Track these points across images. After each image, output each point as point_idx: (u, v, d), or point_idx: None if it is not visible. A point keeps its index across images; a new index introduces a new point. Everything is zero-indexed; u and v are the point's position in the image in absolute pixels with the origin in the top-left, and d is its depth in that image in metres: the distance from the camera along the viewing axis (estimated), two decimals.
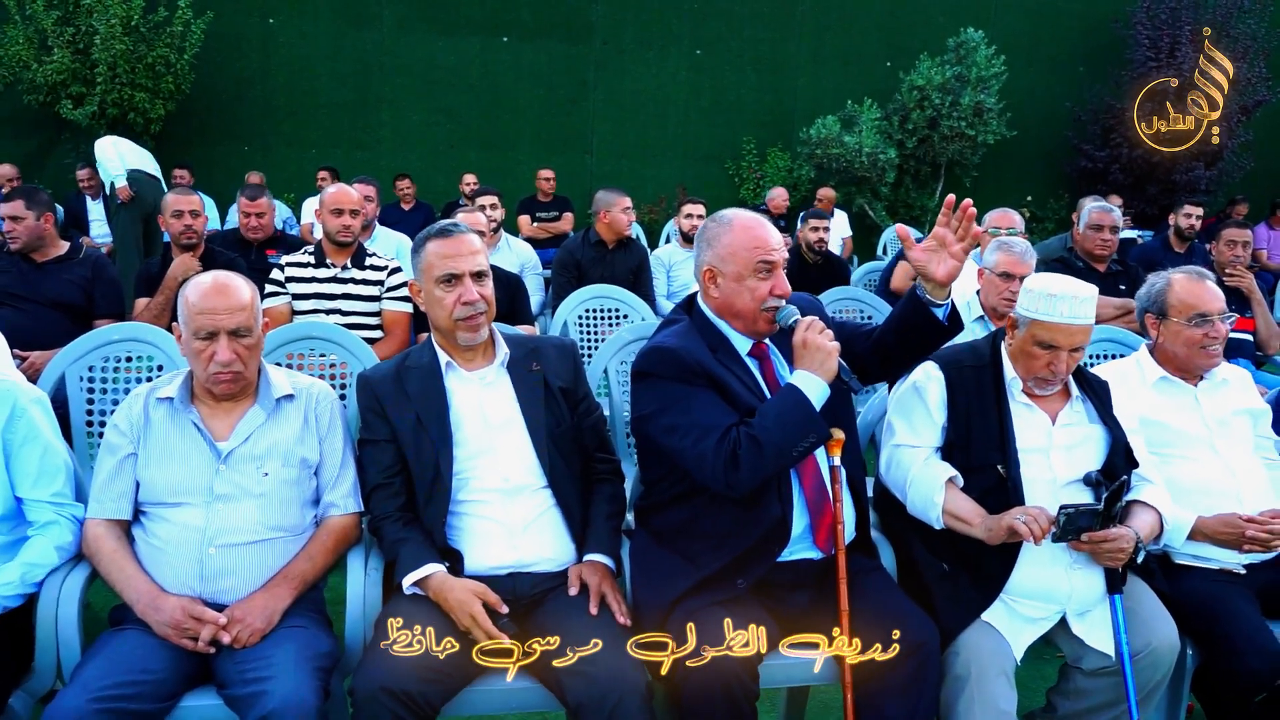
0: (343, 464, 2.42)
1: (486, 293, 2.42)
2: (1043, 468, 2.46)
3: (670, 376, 2.28)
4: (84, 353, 3.34)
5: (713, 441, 2.19)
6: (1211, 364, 2.84)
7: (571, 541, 2.42)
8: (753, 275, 2.33)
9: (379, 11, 10.75)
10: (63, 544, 2.28)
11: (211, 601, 2.19)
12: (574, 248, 5.88)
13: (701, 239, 2.44)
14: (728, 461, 2.17)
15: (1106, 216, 5.20)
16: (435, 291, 2.40)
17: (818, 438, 2.23)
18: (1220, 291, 2.87)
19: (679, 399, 2.26)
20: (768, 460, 2.18)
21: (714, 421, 2.22)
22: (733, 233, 2.37)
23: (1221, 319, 2.81)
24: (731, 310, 2.39)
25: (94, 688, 1.95)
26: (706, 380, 2.28)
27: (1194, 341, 2.81)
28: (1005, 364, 2.55)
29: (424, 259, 2.41)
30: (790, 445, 2.19)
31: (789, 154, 11.46)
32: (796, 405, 2.22)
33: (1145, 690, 2.43)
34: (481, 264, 2.42)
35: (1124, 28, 11.58)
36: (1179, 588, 2.60)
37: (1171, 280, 2.91)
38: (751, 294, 2.34)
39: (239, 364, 2.26)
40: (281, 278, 4.34)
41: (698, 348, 2.33)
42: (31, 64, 9.28)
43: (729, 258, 2.35)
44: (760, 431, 2.18)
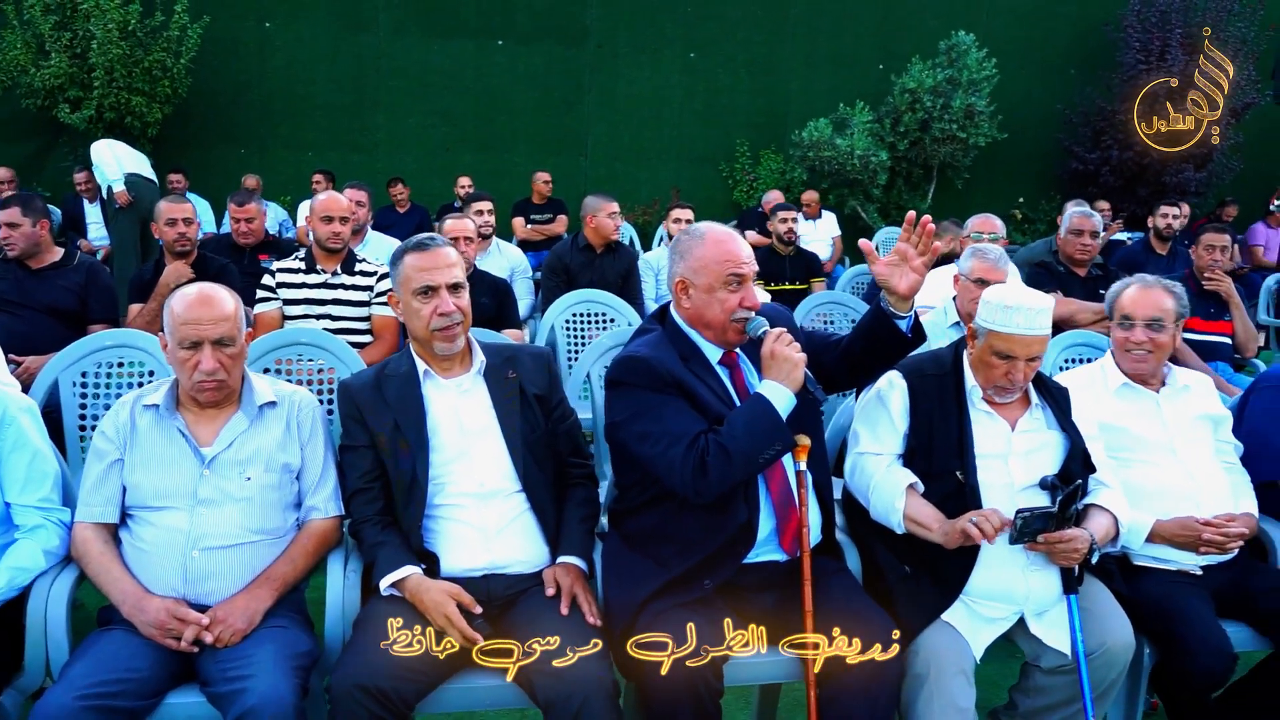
0: (324, 469, 2.50)
1: (463, 304, 2.50)
2: (1001, 473, 2.54)
3: (642, 385, 2.36)
4: (77, 359, 3.42)
5: (682, 449, 2.27)
6: (1138, 369, 2.91)
7: (545, 544, 2.50)
8: (723, 287, 2.41)
9: (375, 15, 10.83)
10: (50, 547, 2.36)
11: (195, 602, 2.27)
12: (563, 252, 5.95)
13: (674, 251, 2.51)
14: (696, 468, 2.25)
15: (1087, 221, 5.27)
16: (413, 303, 2.48)
17: (784, 445, 2.30)
18: (1162, 302, 2.92)
19: (650, 407, 2.35)
20: (735, 467, 2.26)
21: (683, 429, 2.30)
22: (704, 246, 2.44)
23: (1149, 326, 2.88)
24: (702, 320, 2.47)
25: (80, 685, 2.02)
26: (677, 389, 2.36)
27: (1119, 344, 2.93)
28: (966, 372, 2.63)
29: (402, 271, 2.49)
30: (757, 453, 2.27)
31: (782, 156, 11.54)
32: (763, 414, 2.29)
33: (1101, 687, 2.51)
34: (458, 276, 2.50)
35: (1115, 30, 11.66)
36: (1136, 588, 2.68)
37: (1125, 285, 3.00)
38: (722, 305, 2.41)
39: (222, 373, 2.34)
40: (273, 283, 4.41)
41: (669, 357, 2.41)
42: (29, 68, 9.34)
43: (700, 270, 2.43)
44: (728, 440, 2.26)
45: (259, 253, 5.58)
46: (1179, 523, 2.72)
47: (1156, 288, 2.95)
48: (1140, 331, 2.90)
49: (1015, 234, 11.82)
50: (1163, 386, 2.94)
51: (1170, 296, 2.93)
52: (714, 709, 2.24)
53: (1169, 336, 2.90)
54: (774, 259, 6.45)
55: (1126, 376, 2.93)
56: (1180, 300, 2.94)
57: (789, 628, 2.34)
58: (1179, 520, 2.72)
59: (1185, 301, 2.96)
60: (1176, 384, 2.95)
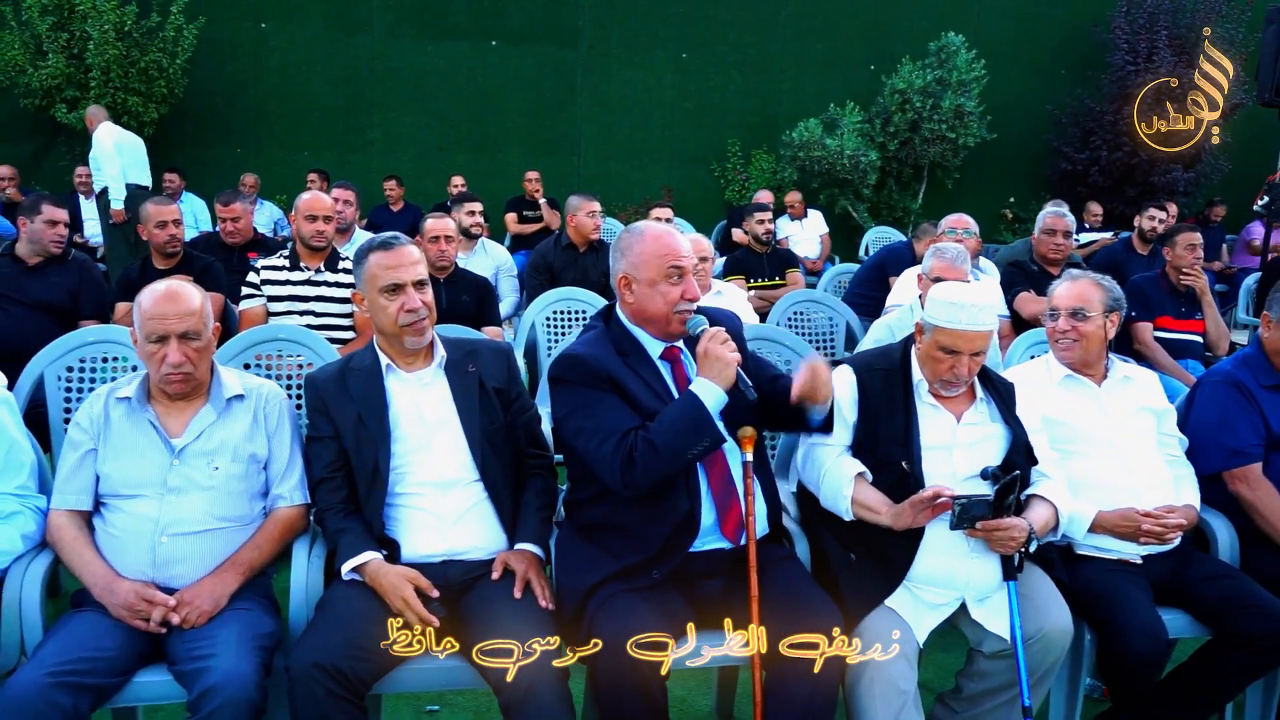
0: (290, 459, 2.60)
1: (428, 299, 2.60)
2: (945, 463, 2.63)
3: (578, 381, 2.46)
4: (62, 353, 3.50)
5: (612, 444, 2.37)
6: (1066, 358, 3.02)
7: (504, 532, 2.59)
8: (664, 280, 2.50)
9: (370, 17, 10.92)
10: (26, 532, 2.46)
11: (164, 586, 2.36)
12: (546, 250, 6.05)
13: (616, 249, 2.60)
14: (624, 462, 2.35)
15: (1059, 221, 5.36)
16: (380, 300, 2.57)
17: (712, 442, 2.39)
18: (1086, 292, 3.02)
19: (586, 403, 2.44)
20: (662, 462, 2.35)
21: (614, 425, 2.40)
22: (644, 242, 2.53)
23: (1072, 315, 2.99)
24: (645, 315, 2.55)
25: (50, 664, 2.12)
26: (611, 385, 2.45)
27: (1049, 335, 3.07)
28: (914, 367, 2.72)
29: (367, 269, 2.58)
30: (684, 448, 2.36)
31: (773, 156, 11.62)
32: (692, 411, 2.37)
33: (1039, 672, 2.60)
34: (421, 273, 2.60)
35: (1104, 31, 11.73)
36: (1077, 576, 2.77)
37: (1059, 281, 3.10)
38: (664, 298, 2.50)
39: (189, 365, 2.43)
40: (257, 280, 4.51)
41: (606, 354, 2.50)
42: (27, 68, 9.45)
43: (642, 265, 2.51)
44: (656, 435, 2.35)
45: (247, 251, 5.68)
46: (1120, 514, 2.81)
47: (1084, 280, 3.05)
48: (1064, 320, 3.00)
49: (1006, 234, 11.91)
50: (1104, 379, 3.03)
51: (1097, 288, 3.02)
52: (659, 689, 2.33)
53: (1095, 326, 2.97)
54: (752, 257, 6.69)
55: (1067, 369, 3.02)
56: (1110, 293, 3.02)
57: (736, 613, 2.42)
58: (1120, 511, 2.81)
59: (1117, 295, 3.03)
60: (1117, 376, 3.04)
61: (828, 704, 2.39)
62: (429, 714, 3.06)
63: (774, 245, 6.94)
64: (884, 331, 4.02)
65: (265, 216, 9.54)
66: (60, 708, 2.06)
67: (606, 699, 2.30)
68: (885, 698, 2.46)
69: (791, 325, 5.28)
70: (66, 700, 2.08)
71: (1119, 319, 3.04)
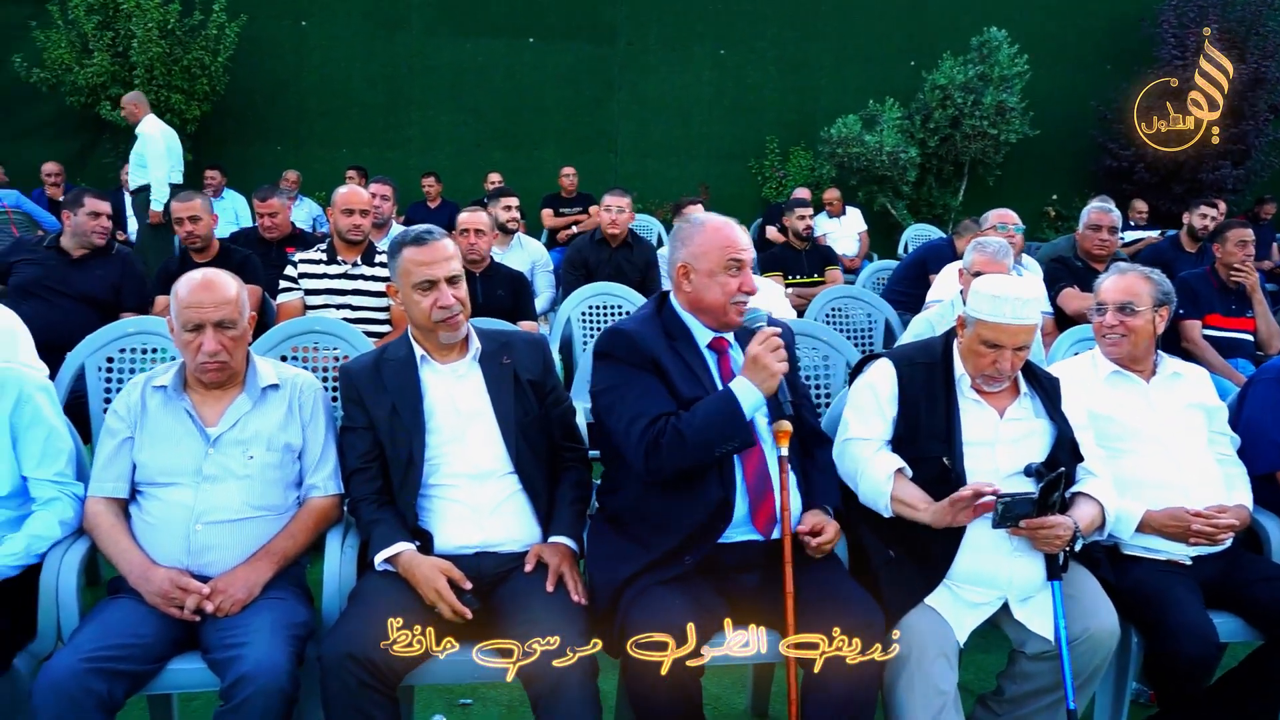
0: (324, 449, 2.59)
1: (461, 294, 2.58)
2: (987, 459, 2.57)
3: (621, 358, 2.47)
4: (102, 344, 3.54)
5: (641, 426, 2.36)
6: (1114, 353, 2.94)
7: (537, 524, 2.57)
8: (724, 271, 2.50)
9: (408, 15, 10.99)
10: (65, 519, 2.47)
11: (198, 574, 2.37)
12: (582, 245, 6.06)
13: (675, 238, 2.60)
14: (650, 447, 2.34)
15: (1105, 217, 5.25)
16: (413, 295, 2.56)
17: (741, 443, 2.38)
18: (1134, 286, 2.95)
19: (624, 380, 2.45)
20: (688, 453, 2.34)
21: (647, 408, 2.39)
22: (705, 233, 2.54)
23: (1120, 310, 2.92)
24: (702, 304, 2.54)
25: (86, 649, 2.13)
26: (653, 366, 2.45)
27: (1096, 330, 2.98)
28: (956, 361, 2.66)
29: (401, 264, 2.57)
30: (712, 445, 2.34)
31: (811, 153, 11.53)
32: (727, 409, 2.36)
33: (1084, 674, 2.53)
34: (455, 269, 2.57)
35: (1151, 25, 11.51)
36: (1125, 577, 2.69)
37: (1105, 276, 3.03)
38: (722, 289, 2.50)
39: (224, 354, 2.44)
40: (295, 273, 4.53)
41: (654, 335, 2.50)
42: (73, 67, 9.62)
43: (701, 255, 2.51)
44: (686, 427, 2.34)
45: (285, 246, 5.72)
46: (1169, 513, 2.73)
47: (1131, 273, 2.98)
48: (1111, 315, 2.92)
49: (1049, 232, 11.71)
50: (1153, 375, 2.95)
51: (1146, 281, 2.94)
52: (694, 686, 2.30)
53: (1144, 321, 2.90)
54: (790, 253, 6.61)
55: (1115, 364, 2.94)
56: (1159, 287, 2.94)
57: (773, 609, 2.39)
58: (1169, 511, 2.73)
59: (1167, 289, 2.96)
60: (1166, 372, 2.95)
61: (866, 704, 2.36)
62: (461, 707, 3.05)
63: (813, 242, 6.87)
64: (924, 326, 3.96)
65: (304, 212, 9.61)
66: (96, 693, 2.07)
67: (640, 696, 2.28)
68: (924, 698, 2.41)
69: (830, 321, 5.23)
70: (102, 686, 2.09)
71: (1168, 313, 2.96)
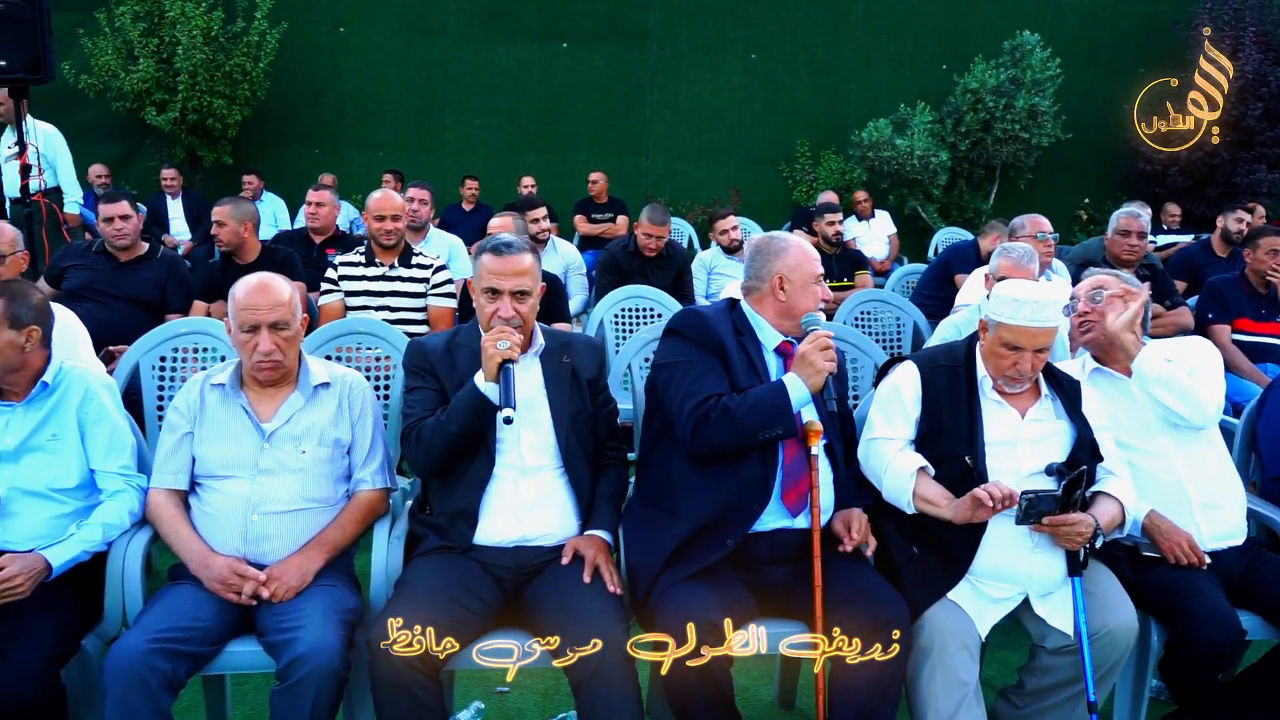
0: (372, 444, 2.72)
1: (523, 309, 2.66)
2: (1009, 459, 2.65)
3: (691, 338, 2.68)
4: (155, 344, 3.70)
5: (694, 401, 2.56)
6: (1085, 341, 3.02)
7: (577, 519, 2.68)
8: (814, 282, 2.76)
9: (444, 20, 11.16)
10: (132, 509, 2.62)
11: (254, 561, 2.51)
12: (616, 251, 6.15)
13: (768, 252, 2.79)
14: (700, 418, 2.53)
15: (1134, 222, 5.28)
16: (480, 298, 2.70)
17: (785, 431, 2.54)
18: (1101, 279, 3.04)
19: (689, 358, 2.65)
20: (734, 430, 2.51)
21: (706, 386, 2.59)
22: (798, 250, 2.80)
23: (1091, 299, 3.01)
24: (794, 311, 2.75)
25: (151, 631, 2.27)
26: (719, 350, 2.65)
27: (1073, 327, 3.07)
28: (978, 363, 2.75)
29: (479, 266, 2.70)
30: (758, 427, 2.52)
31: (842, 157, 11.58)
32: (775, 398, 2.54)
33: (1103, 669, 2.60)
34: (523, 284, 2.65)
35: (1184, 29, 11.45)
36: (1144, 573, 2.75)
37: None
38: (814, 298, 2.76)
39: (279, 354, 2.57)
40: (335, 276, 4.68)
41: (725, 325, 2.71)
42: (119, 73, 9.85)
43: (796, 268, 2.76)
44: (736, 406, 2.53)
45: (326, 247, 5.88)
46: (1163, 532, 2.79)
47: (1099, 273, 3.09)
48: (1083, 304, 3.01)
49: (1080, 235, 11.68)
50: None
51: (1113, 277, 3.05)
52: (725, 678, 2.41)
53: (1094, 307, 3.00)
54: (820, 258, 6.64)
55: (1095, 362, 3.01)
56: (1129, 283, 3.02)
57: (801, 603, 2.49)
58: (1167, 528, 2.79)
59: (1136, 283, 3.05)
60: None
61: (891, 696, 2.45)
62: (498, 694, 3.17)
63: (843, 246, 6.95)
64: (951, 330, 4.03)
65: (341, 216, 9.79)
66: (160, 671, 2.21)
67: (674, 686, 2.38)
68: (946, 689, 2.50)
69: (859, 325, 5.29)
70: (166, 665, 2.22)
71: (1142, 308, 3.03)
